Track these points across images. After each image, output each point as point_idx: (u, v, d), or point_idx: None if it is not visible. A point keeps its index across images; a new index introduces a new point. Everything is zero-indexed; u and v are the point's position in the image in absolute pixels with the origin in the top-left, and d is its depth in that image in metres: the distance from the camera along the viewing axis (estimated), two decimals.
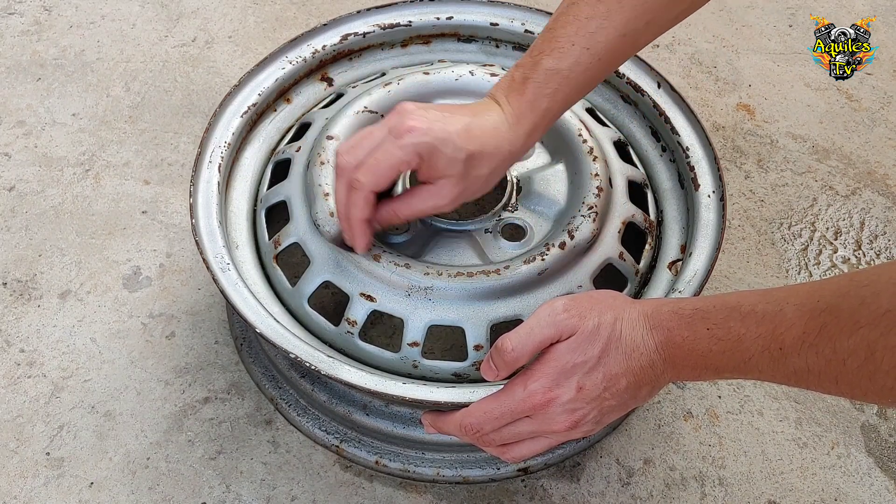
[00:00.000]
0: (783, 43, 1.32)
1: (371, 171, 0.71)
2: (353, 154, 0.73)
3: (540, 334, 0.66)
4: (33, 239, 1.02)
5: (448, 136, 0.71)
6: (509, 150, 0.75)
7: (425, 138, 0.70)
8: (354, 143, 0.73)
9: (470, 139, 0.72)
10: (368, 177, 0.72)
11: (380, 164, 0.71)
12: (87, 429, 0.88)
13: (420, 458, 0.85)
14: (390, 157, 0.71)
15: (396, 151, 0.70)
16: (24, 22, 1.27)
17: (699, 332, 0.62)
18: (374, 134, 0.73)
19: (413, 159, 0.71)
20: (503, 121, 0.74)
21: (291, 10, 1.32)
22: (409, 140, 0.70)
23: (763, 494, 0.87)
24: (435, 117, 0.71)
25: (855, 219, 1.10)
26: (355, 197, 0.73)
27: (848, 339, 0.53)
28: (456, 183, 0.73)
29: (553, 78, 0.74)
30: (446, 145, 0.71)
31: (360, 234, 0.76)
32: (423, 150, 0.70)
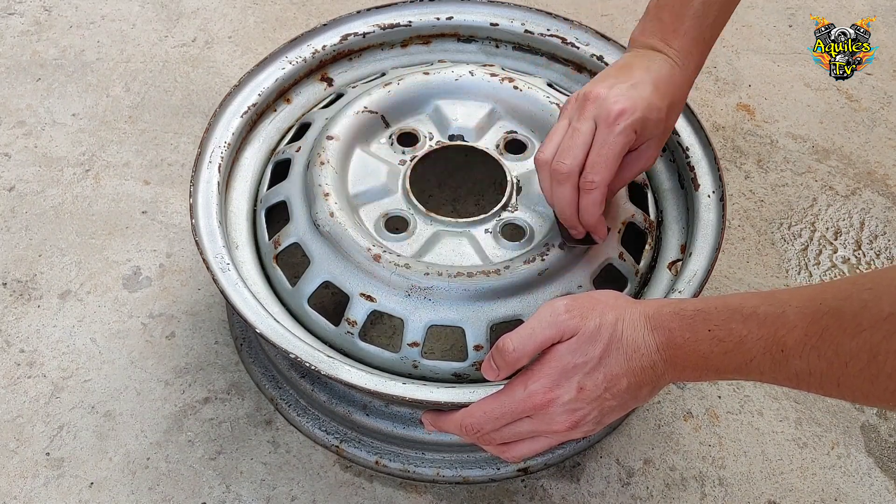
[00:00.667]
0: (783, 43, 1.32)
1: (602, 168, 0.72)
2: (569, 156, 0.72)
3: (541, 335, 0.66)
4: (33, 239, 1.02)
5: (651, 103, 0.72)
6: (687, 90, 0.78)
7: (637, 115, 0.72)
8: (564, 144, 0.73)
9: (662, 96, 0.74)
10: (602, 174, 0.72)
11: (608, 158, 0.72)
12: (87, 429, 0.88)
13: (420, 458, 0.85)
14: (615, 146, 0.72)
15: (619, 139, 0.72)
16: (24, 22, 1.27)
17: (700, 334, 0.62)
18: (579, 129, 0.73)
19: (632, 139, 0.73)
20: (673, 65, 0.76)
21: (291, 10, 1.32)
22: (624, 123, 0.71)
23: (763, 494, 0.87)
24: (628, 90, 0.72)
25: (855, 219, 1.10)
26: (593, 197, 0.73)
27: (850, 341, 0.52)
28: (658, 141, 0.76)
29: (711, 9, 0.76)
30: (652, 112, 0.73)
31: (602, 226, 0.77)
32: (638, 126, 0.72)
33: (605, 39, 0.97)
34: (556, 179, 0.74)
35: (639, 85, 0.73)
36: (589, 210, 0.75)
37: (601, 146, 0.72)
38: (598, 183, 0.73)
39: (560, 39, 0.99)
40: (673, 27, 0.76)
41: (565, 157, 0.73)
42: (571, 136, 0.73)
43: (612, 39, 0.97)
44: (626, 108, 0.71)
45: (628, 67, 0.76)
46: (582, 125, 0.73)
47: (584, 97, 0.74)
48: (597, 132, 0.72)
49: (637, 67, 0.75)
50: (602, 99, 0.72)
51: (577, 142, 0.73)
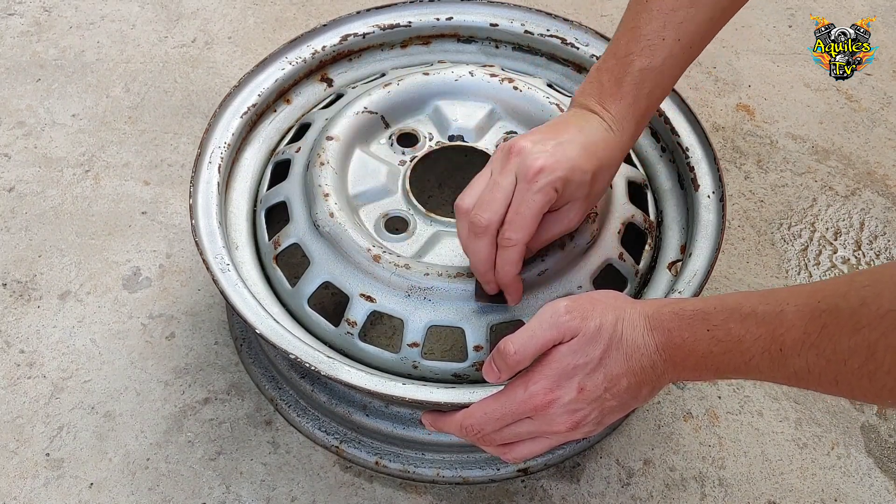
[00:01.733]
0: (783, 43, 1.32)
1: (520, 226, 0.70)
2: (488, 210, 0.70)
3: (542, 337, 0.66)
4: (33, 240, 1.02)
5: (575, 164, 0.70)
6: (620, 157, 0.75)
7: (557, 173, 0.69)
8: (481, 197, 0.71)
9: (590, 159, 0.71)
10: (520, 233, 0.70)
11: (526, 216, 0.69)
12: (86, 429, 0.88)
13: (420, 458, 0.85)
14: (533, 205, 0.69)
15: (537, 197, 0.69)
16: (23, 23, 1.27)
17: (699, 334, 0.62)
18: (499, 183, 0.70)
19: (552, 198, 0.70)
20: (607, 129, 0.74)
21: (291, 10, 1.32)
22: (544, 181, 0.69)
23: (763, 495, 0.87)
24: (553, 148, 0.70)
25: (855, 219, 1.10)
26: (510, 254, 0.71)
27: (849, 339, 0.52)
28: (581, 204, 0.74)
29: (648, 76, 0.74)
30: (576, 173, 0.70)
31: (517, 286, 0.75)
32: (558, 185, 0.69)
33: (604, 40, 0.97)
34: (474, 232, 0.71)
35: (566, 144, 0.71)
36: (504, 268, 0.72)
37: (519, 203, 0.70)
38: (516, 241, 0.70)
39: (560, 40, 0.99)
40: (610, 91, 0.74)
41: (484, 211, 0.70)
42: (491, 189, 0.71)
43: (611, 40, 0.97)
44: (547, 166, 0.69)
45: (562, 125, 0.74)
46: (503, 179, 0.70)
47: (509, 149, 0.71)
48: (516, 189, 0.70)
49: (570, 126, 0.73)
50: (525, 154, 0.70)
51: (496, 196, 0.70)
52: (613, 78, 0.74)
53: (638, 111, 0.75)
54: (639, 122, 0.76)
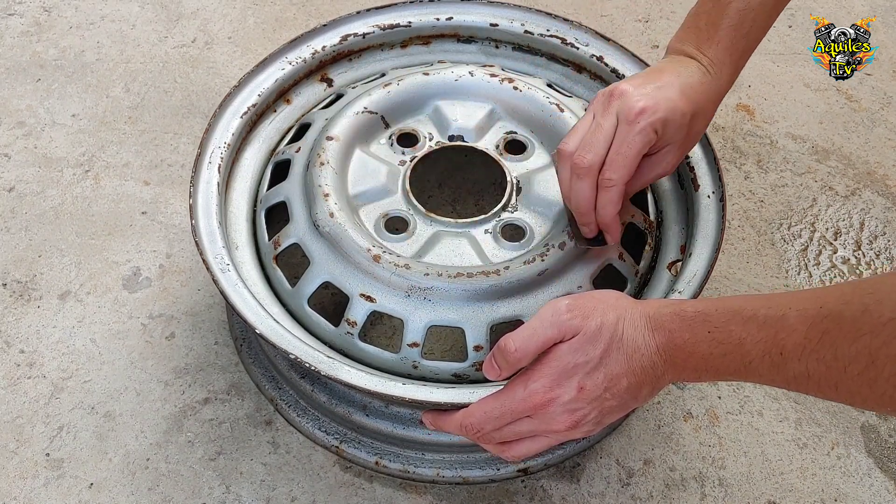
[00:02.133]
0: (783, 43, 1.32)
1: (621, 166, 0.72)
2: (591, 150, 0.72)
3: (543, 335, 0.66)
4: (33, 240, 1.02)
5: (674, 106, 0.72)
6: (717, 100, 0.76)
7: (658, 115, 0.71)
8: (583, 139, 0.73)
9: (688, 101, 0.73)
10: (620, 172, 0.72)
11: (627, 156, 0.71)
12: (86, 429, 0.88)
13: (420, 458, 0.85)
14: (634, 145, 0.71)
15: (638, 138, 0.71)
16: (23, 23, 1.27)
17: (700, 335, 0.62)
18: (601, 125, 0.72)
19: (652, 139, 0.72)
20: (704, 73, 0.75)
21: (291, 10, 1.32)
22: (644, 122, 0.71)
23: (763, 495, 0.87)
24: (652, 91, 0.72)
25: (855, 219, 1.10)
26: (610, 194, 0.73)
27: (850, 346, 0.52)
28: (679, 147, 0.75)
29: (746, 17, 0.75)
30: (675, 114, 0.72)
31: (617, 226, 0.77)
32: (658, 126, 0.71)
33: (604, 40, 0.97)
34: (576, 174, 0.73)
35: (665, 87, 0.73)
36: (605, 208, 0.74)
37: (620, 144, 0.72)
38: (616, 181, 0.72)
39: (560, 40, 0.99)
40: (707, 35, 0.75)
41: (587, 152, 0.72)
42: (594, 131, 0.73)
43: (612, 40, 0.97)
44: (648, 107, 0.71)
45: (659, 71, 0.76)
46: (605, 121, 0.72)
47: (610, 93, 0.73)
48: (618, 129, 0.72)
49: (668, 71, 0.75)
50: (626, 96, 0.72)
51: (598, 137, 0.72)
52: (710, 21, 0.75)
53: (735, 53, 0.76)
54: (736, 64, 0.77)
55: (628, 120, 0.71)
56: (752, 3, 0.74)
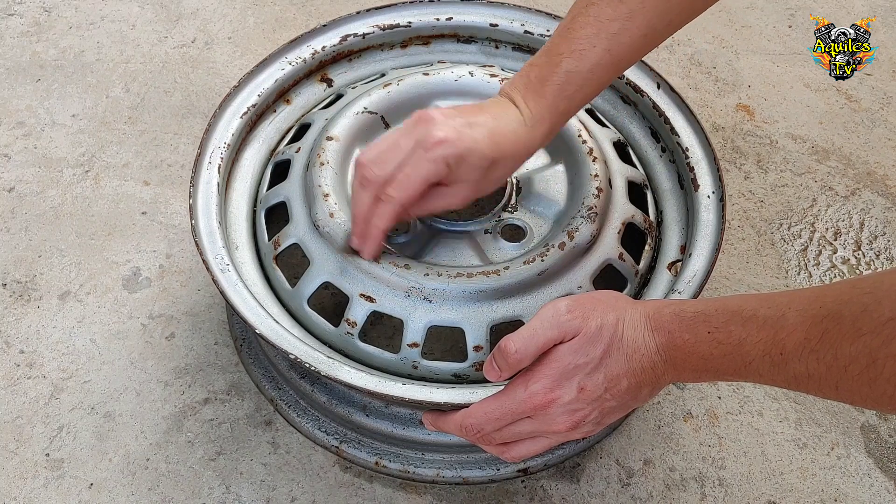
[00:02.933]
0: (783, 44, 1.32)
1: (403, 186, 0.72)
2: (380, 166, 0.72)
3: (543, 336, 0.66)
4: (33, 240, 1.02)
5: (475, 146, 0.71)
6: (525, 153, 0.76)
7: (454, 150, 0.70)
8: (380, 153, 0.73)
9: (493, 146, 0.72)
10: (401, 192, 0.72)
11: (411, 178, 0.72)
12: (86, 430, 0.88)
13: (420, 458, 0.85)
14: (421, 170, 0.71)
15: (427, 165, 0.71)
16: (23, 23, 1.27)
17: (700, 335, 0.62)
18: (399, 145, 0.72)
19: (443, 171, 0.71)
20: (522, 123, 0.74)
21: (291, 10, 1.32)
22: (439, 153, 0.70)
23: (763, 495, 0.87)
24: (460, 125, 0.71)
25: (854, 219, 1.10)
26: (383, 209, 0.73)
27: (850, 346, 0.53)
28: (472, 186, 0.74)
29: (573, 80, 0.74)
30: (473, 154, 0.71)
31: (376, 243, 0.77)
32: (452, 160, 0.71)
33: None
34: (361, 183, 0.74)
35: (475, 126, 0.72)
36: (375, 220, 0.74)
37: (410, 166, 0.71)
38: (395, 199, 0.72)
39: None
40: (534, 88, 0.75)
41: (375, 167, 0.72)
42: (391, 149, 0.72)
43: None
44: (447, 140, 0.70)
45: (479, 109, 0.75)
46: (404, 141, 0.72)
47: (419, 117, 0.73)
48: (413, 152, 0.71)
49: (486, 112, 0.74)
50: (432, 123, 0.71)
51: (392, 156, 0.72)
52: (540, 75, 0.75)
53: (555, 112, 0.75)
54: (554, 123, 0.76)
55: (425, 146, 0.70)
56: (581, 68, 0.74)
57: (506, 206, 0.87)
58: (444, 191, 0.75)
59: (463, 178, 0.73)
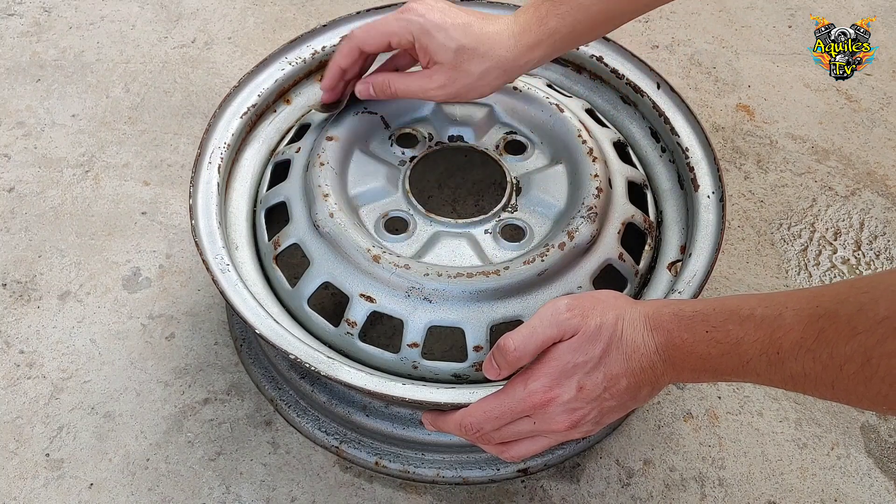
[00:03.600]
0: (783, 44, 1.32)
1: (365, 29, 0.81)
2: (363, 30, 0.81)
3: (543, 334, 0.66)
4: (33, 240, 1.02)
5: (442, 25, 0.77)
6: (505, 57, 0.79)
7: (418, 20, 0.78)
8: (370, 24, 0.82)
9: (465, 34, 0.77)
10: (361, 33, 0.81)
11: (375, 27, 0.80)
12: (86, 430, 0.88)
13: (420, 458, 0.85)
14: (385, 25, 0.80)
15: (392, 22, 0.79)
16: (23, 23, 1.27)
17: (698, 335, 0.62)
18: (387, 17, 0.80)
19: (404, 35, 0.79)
20: (507, 29, 0.79)
21: (291, 11, 1.32)
22: (405, 17, 0.78)
23: (763, 495, 0.87)
24: (440, 8, 0.78)
25: (854, 219, 1.10)
26: (342, 45, 0.83)
27: (845, 344, 0.53)
28: (446, 71, 0.79)
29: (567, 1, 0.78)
30: (438, 31, 0.77)
31: (331, 78, 0.85)
32: (415, 29, 0.78)
33: (604, 40, 0.97)
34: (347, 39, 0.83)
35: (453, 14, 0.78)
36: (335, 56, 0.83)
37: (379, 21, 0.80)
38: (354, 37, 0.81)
39: None
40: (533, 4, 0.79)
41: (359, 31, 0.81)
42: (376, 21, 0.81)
43: (612, 40, 0.97)
44: (415, 10, 0.78)
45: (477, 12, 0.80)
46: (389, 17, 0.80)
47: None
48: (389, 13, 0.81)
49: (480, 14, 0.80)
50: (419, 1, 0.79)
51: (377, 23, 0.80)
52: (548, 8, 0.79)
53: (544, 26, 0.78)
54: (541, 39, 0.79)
55: (399, 10, 0.79)
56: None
57: (506, 206, 0.87)
58: (422, 72, 0.81)
59: (434, 57, 0.78)
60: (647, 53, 1.27)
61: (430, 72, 0.80)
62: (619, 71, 0.96)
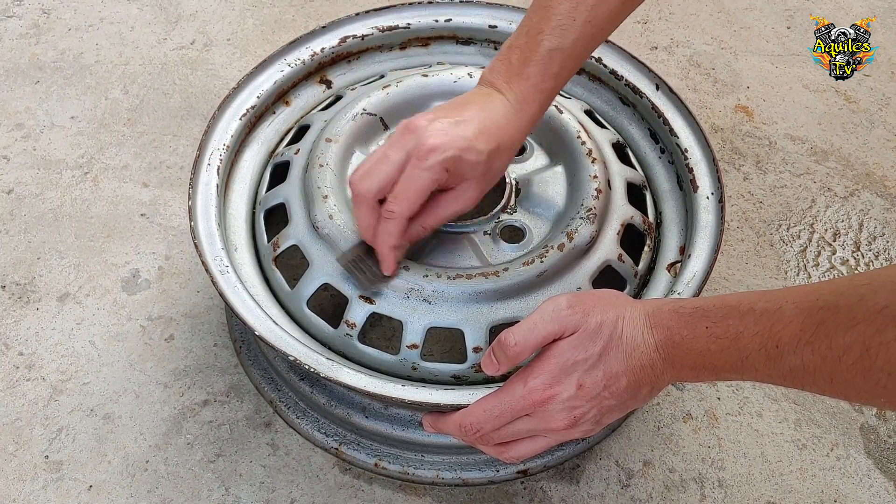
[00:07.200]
0: (782, 45, 1.32)
1: (403, 199, 0.71)
2: (370, 180, 0.72)
3: (543, 330, 0.66)
4: (32, 242, 1.02)
5: (469, 144, 0.71)
6: (519, 137, 0.76)
7: (449, 153, 0.70)
8: (369, 168, 0.72)
9: (488, 139, 0.72)
10: (402, 205, 0.71)
11: (410, 191, 0.71)
12: (85, 432, 0.88)
13: (419, 460, 0.85)
14: (420, 181, 0.70)
15: (425, 174, 0.70)
16: (22, 25, 1.27)
17: (698, 331, 0.62)
18: (389, 157, 0.71)
19: (442, 177, 0.71)
20: (509, 109, 0.74)
21: (290, 12, 1.32)
22: (434, 160, 0.70)
23: (762, 496, 0.87)
24: (448, 127, 0.71)
25: (853, 220, 1.10)
26: (388, 226, 0.73)
27: (844, 335, 0.53)
28: (478, 183, 0.74)
29: (556, 57, 0.74)
30: (469, 153, 0.71)
31: (391, 259, 0.76)
32: (449, 164, 0.70)
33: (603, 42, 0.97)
34: (355, 200, 0.73)
35: (463, 123, 0.71)
36: (382, 237, 0.74)
37: (406, 179, 0.71)
38: (397, 214, 0.71)
39: None
40: (517, 71, 0.74)
41: (364, 180, 0.72)
42: (378, 161, 0.72)
43: (611, 41, 0.97)
44: (439, 145, 0.69)
45: (464, 104, 0.74)
46: (393, 153, 0.71)
47: (406, 126, 0.72)
48: (407, 165, 0.71)
49: (472, 105, 0.74)
50: (419, 132, 0.70)
51: (381, 168, 0.71)
52: (522, 57, 0.74)
53: (543, 92, 0.75)
54: (542, 103, 0.76)
55: (418, 156, 0.70)
56: (563, 44, 0.73)
57: (505, 207, 0.87)
58: (451, 195, 0.74)
59: (465, 177, 0.73)
60: (645, 54, 1.27)
61: (460, 192, 0.74)
62: (618, 72, 0.96)
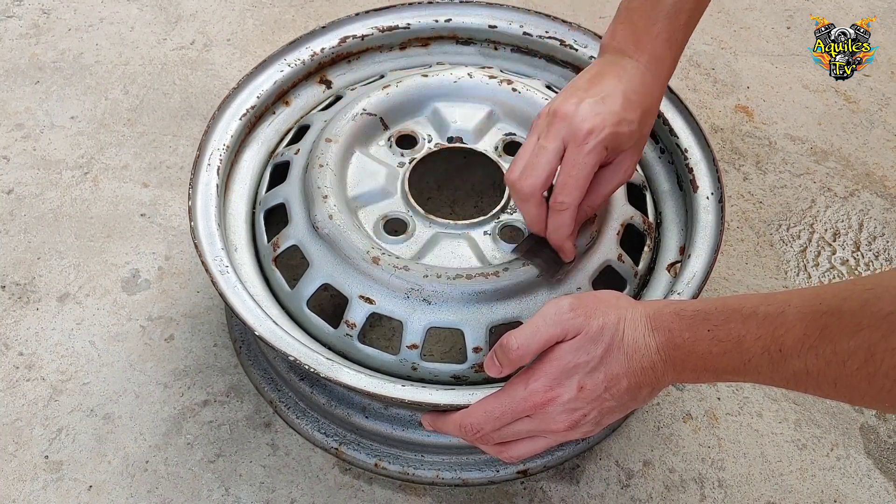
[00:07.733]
0: (781, 45, 1.32)
1: (573, 188, 0.71)
2: (533, 175, 0.71)
3: (546, 333, 0.66)
4: (32, 242, 1.02)
5: (621, 118, 0.71)
6: (660, 96, 0.76)
7: (606, 131, 0.70)
8: (527, 162, 0.72)
9: (634, 107, 0.72)
10: (573, 195, 0.71)
11: (578, 178, 0.71)
12: (85, 432, 0.88)
13: (419, 460, 0.85)
14: (585, 167, 0.71)
15: (588, 159, 0.70)
16: (22, 25, 1.27)
17: (700, 334, 0.62)
18: (546, 147, 0.71)
19: (602, 157, 0.71)
20: (644, 71, 0.74)
21: (290, 12, 1.32)
22: (594, 142, 0.70)
23: (762, 496, 0.87)
24: (597, 106, 0.71)
25: (853, 220, 1.10)
26: (562, 218, 0.73)
27: (848, 340, 0.52)
28: (634, 151, 0.75)
29: (683, 7, 0.74)
30: (623, 126, 0.71)
31: (570, 247, 0.76)
32: (608, 142, 0.71)
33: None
34: (521, 198, 0.73)
35: (608, 98, 0.71)
36: (558, 231, 0.74)
37: (571, 167, 0.71)
38: (569, 203, 0.72)
39: (558, 41, 0.99)
40: (645, 30, 0.74)
41: (528, 177, 0.72)
42: (537, 154, 0.72)
43: None
44: (595, 127, 0.69)
45: (599, 77, 0.74)
46: (549, 143, 0.71)
47: (553, 114, 0.72)
48: (566, 152, 0.71)
49: (608, 77, 0.73)
50: (570, 117, 0.70)
51: (541, 160, 0.71)
52: (646, 16, 0.74)
53: (674, 46, 0.75)
54: (675, 57, 0.76)
55: (576, 142, 0.70)
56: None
57: (505, 207, 0.87)
58: (611, 169, 0.75)
59: (621, 149, 0.73)
60: None
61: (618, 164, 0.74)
62: None
